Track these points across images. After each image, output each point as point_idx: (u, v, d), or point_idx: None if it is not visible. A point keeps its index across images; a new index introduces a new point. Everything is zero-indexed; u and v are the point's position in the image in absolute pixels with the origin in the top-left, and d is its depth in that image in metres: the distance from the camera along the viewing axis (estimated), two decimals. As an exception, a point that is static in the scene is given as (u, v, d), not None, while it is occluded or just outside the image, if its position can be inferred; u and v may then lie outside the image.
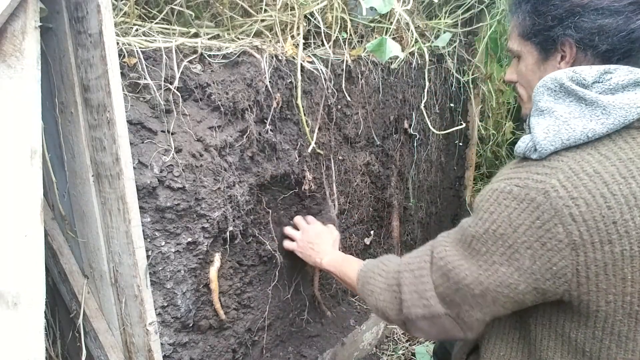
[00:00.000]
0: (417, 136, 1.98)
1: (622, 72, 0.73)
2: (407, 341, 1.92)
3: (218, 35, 1.28)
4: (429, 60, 1.87)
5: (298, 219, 1.43)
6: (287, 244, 1.40)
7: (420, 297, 0.83)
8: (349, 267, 1.10)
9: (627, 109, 0.70)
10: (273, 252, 1.39)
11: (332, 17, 1.43)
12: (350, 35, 1.55)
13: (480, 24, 2.08)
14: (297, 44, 1.31)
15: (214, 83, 1.12)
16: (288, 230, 1.41)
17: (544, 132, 0.73)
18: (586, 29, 0.75)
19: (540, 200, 0.70)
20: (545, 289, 0.72)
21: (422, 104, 1.86)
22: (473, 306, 0.78)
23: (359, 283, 1.01)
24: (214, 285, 1.21)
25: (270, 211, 1.39)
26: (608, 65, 0.74)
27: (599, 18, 0.74)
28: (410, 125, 1.92)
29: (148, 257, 1.03)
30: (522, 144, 0.78)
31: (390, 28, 1.64)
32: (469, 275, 0.76)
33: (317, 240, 1.31)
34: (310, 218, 1.45)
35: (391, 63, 1.72)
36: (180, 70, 1.05)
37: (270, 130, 1.28)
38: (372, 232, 1.86)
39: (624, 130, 0.72)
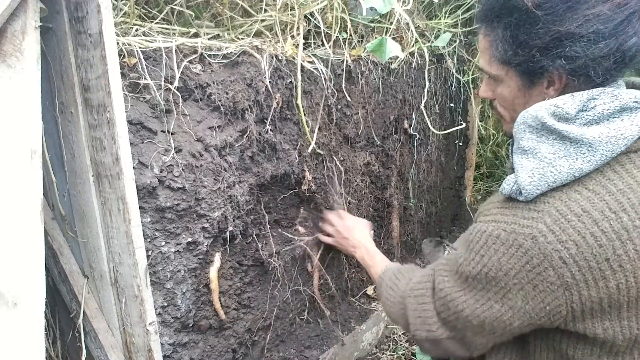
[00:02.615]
0: (417, 136, 1.98)
1: (606, 99, 0.69)
2: (407, 341, 1.92)
3: (218, 35, 1.27)
4: (429, 60, 1.87)
5: (331, 215, 1.51)
6: (323, 238, 1.51)
7: (423, 323, 0.87)
8: (372, 268, 1.22)
9: (614, 142, 0.66)
10: (269, 255, 1.39)
11: (332, 17, 1.43)
12: (350, 35, 1.55)
13: (480, 24, 2.08)
14: (297, 44, 1.31)
15: (214, 83, 1.12)
16: (325, 225, 1.51)
17: (528, 176, 0.70)
18: (578, 58, 0.69)
19: (528, 245, 0.68)
20: (541, 324, 0.73)
21: (422, 104, 1.86)
22: (475, 333, 0.80)
23: (377, 289, 1.12)
24: (214, 285, 1.21)
25: (270, 211, 1.39)
26: (591, 90, 0.70)
27: (591, 45, 0.68)
28: (410, 125, 1.92)
29: (148, 257, 1.03)
30: (507, 186, 0.74)
31: (390, 28, 1.64)
32: (467, 307, 0.78)
33: (351, 232, 1.41)
34: (342, 212, 1.53)
35: (391, 63, 1.72)
36: (180, 70, 1.05)
37: (270, 130, 1.28)
38: (372, 232, 1.86)
39: (612, 159, 0.68)
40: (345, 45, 1.53)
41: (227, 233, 1.21)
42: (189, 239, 1.13)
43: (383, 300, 1.04)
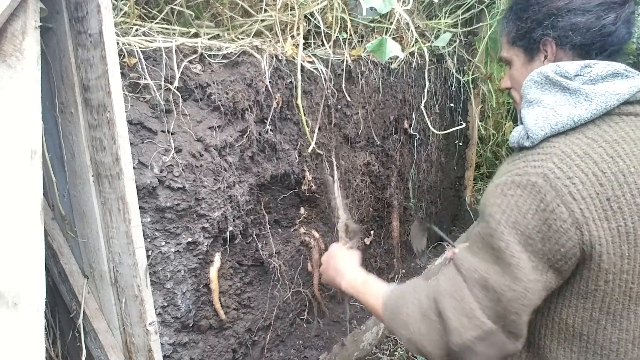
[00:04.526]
0: (417, 136, 1.98)
1: (601, 66, 0.80)
2: (407, 341, 1.92)
3: (218, 35, 1.27)
4: (429, 60, 1.87)
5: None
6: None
7: (470, 319, 0.78)
8: (370, 292, 0.98)
9: (607, 96, 0.77)
10: (269, 255, 1.39)
11: (332, 17, 1.43)
12: (350, 35, 1.55)
13: (480, 24, 2.09)
14: (297, 44, 1.31)
15: (214, 83, 1.12)
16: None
17: (533, 119, 0.80)
18: (562, 27, 0.85)
19: (541, 183, 0.74)
20: (559, 267, 0.76)
21: (422, 104, 1.86)
22: (519, 312, 0.75)
23: (386, 313, 0.91)
24: (214, 285, 1.21)
25: (270, 211, 1.39)
26: (588, 60, 0.82)
27: (572, 17, 0.84)
28: (410, 125, 1.92)
29: (148, 257, 1.03)
30: (516, 134, 0.83)
31: (390, 28, 1.64)
32: (501, 278, 0.75)
33: (333, 260, 1.13)
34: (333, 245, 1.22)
35: (391, 63, 1.72)
36: (180, 70, 1.05)
37: (270, 130, 1.28)
38: (372, 232, 1.86)
39: (606, 116, 0.78)
40: (345, 45, 1.53)
41: (227, 233, 1.21)
42: (189, 239, 1.13)
43: (401, 322, 0.86)
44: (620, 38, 0.84)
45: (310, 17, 1.42)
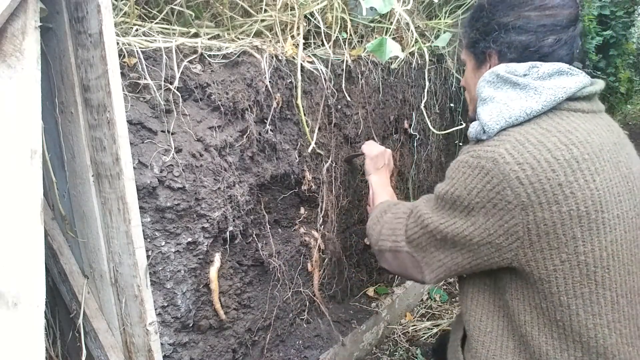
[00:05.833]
0: (417, 136, 1.98)
1: (547, 65, 0.86)
2: (407, 341, 1.92)
3: (218, 35, 1.28)
4: (429, 60, 1.87)
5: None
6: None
7: (393, 234, 1.01)
8: (376, 198, 1.32)
9: (556, 89, 0.82)
10: (270, 255, 1.39)
11: (332, 17, 1.43)
12: (350, 35, 1.55)
13: (480, 24, 2.08)
14: (297, 44, 1.32)
15: (214, 83, 1.12)
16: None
17: (488, 115, 0.85)
18: (501, 42, 0.92)
19: (490, 166, 0.80)
20: (499, 243, 0.81)
21: (422, 104, 1.86)
22: (437, 248, 0.92)
23: (371, 213, 1.19)
24: (214, 285, 1.21)
25: (270, 211, 1.39)
26: (534, 62, 0.87)
27: (513, 35, 0.90)
28: (410, 125, 1.92)
29: (148, 257, 1.03)
30: (473, 129, 0.88)
31: (390, 28, 1.64)
32: (433, 222, 0.90)
33: (380, 156, 1.46)
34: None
35: (391, 63, 1.72)
36: (180, 70, 1.05)
37: (270, 130, 1.28)
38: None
39: (557, 111, 0.83)
40: (345, 45, 1.53)
41: (227, 233, 1.21)
42: (189, 239, 1.13)
43: (370, 219, 1.15)
44: (557, 60, 0.88)
45: (310, 17, 1.42)
